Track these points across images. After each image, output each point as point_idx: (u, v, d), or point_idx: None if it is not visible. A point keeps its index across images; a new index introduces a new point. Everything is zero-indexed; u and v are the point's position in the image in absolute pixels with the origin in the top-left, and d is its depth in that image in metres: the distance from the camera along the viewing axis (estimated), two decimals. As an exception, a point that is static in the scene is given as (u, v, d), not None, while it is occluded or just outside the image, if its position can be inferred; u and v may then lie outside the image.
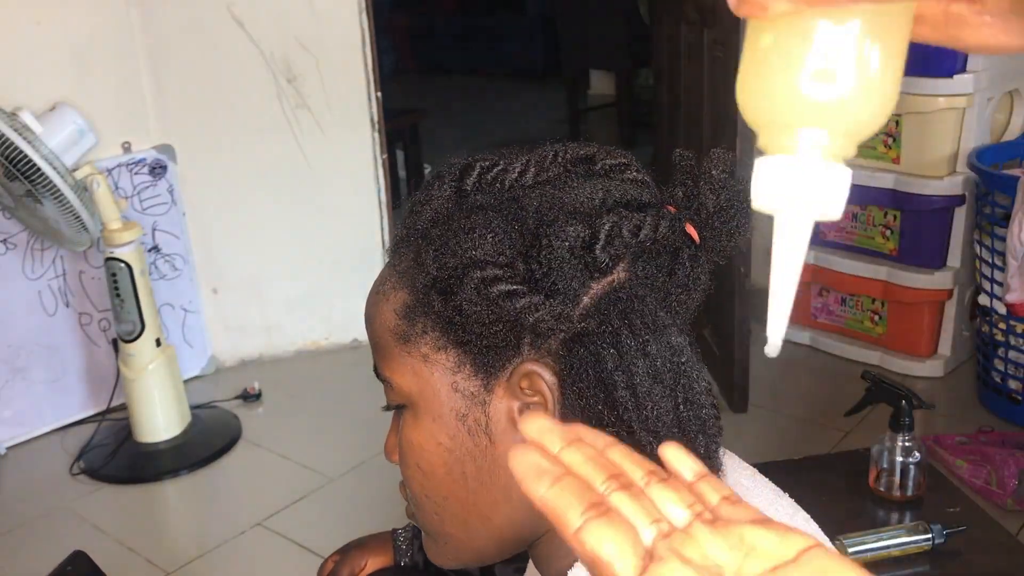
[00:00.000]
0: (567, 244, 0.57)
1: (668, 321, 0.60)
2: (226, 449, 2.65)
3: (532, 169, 0.62)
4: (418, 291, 0.61)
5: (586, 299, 0.59)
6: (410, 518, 0.71)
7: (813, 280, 2.93)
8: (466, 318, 0.59)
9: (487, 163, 0.63)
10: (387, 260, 0.67)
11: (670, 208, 0.61)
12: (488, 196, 0.61)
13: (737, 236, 0.62)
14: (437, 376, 0.62)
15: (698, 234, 0.61)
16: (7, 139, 2.14)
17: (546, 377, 0.60)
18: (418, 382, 0.63)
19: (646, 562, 0.35)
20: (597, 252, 0.57)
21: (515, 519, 0.65)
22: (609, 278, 0.60)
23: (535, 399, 0.61)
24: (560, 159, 0.63)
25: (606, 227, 0.57)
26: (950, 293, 2.73)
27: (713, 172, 0.61)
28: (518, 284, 0.57)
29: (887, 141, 2.72)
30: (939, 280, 2.71)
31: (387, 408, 0.68)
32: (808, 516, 0.68)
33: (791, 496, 0.70)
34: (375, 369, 0.68)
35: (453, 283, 0.58)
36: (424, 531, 0.69)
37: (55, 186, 2.20)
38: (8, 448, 2.67)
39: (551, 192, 0.61)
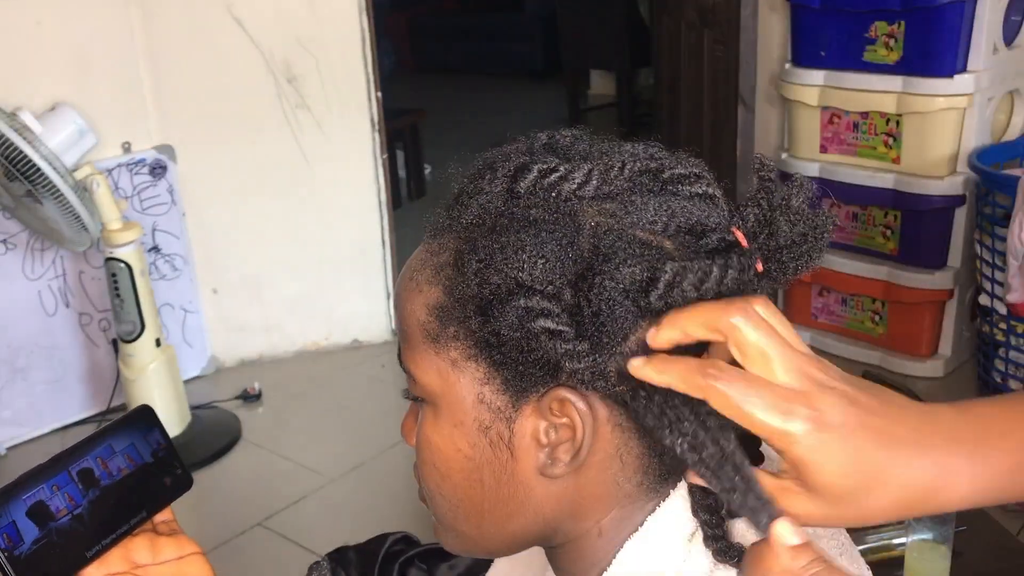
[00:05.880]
0: (621, 287, 0.53)
1: None
2: (226, 449, 2.65)
3: (594, 180, 0.57)
4: (454, 298, 0.57)
5: (633, 339, 0.54)
6: (422, 502, 0.68)
7: (813, 280, 2.93)
8: (503, 342, 0.56)
9: (545, 167, 0.57)
10: (424, 241, 0.62)
11: (737, 234, 0.56)
12: (542, 208, 0.56)
13: (803, 269, 0.57)
14: (464, 384, 0.59)
15: (763, 266, 0.56)
16: (7, 139, 2.14)
17: (579, 406, 0.57)
18: (443, 385, 0.60)
19: None
20: (652, 299, 0.53)
21: (529, 529, 0.63)
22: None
23: (563, 421, 0.57)
24: (627, 171, 0.58)
25: (667, 275, 0.52)
26: (950, 293, 2.73)
27: (793, 202, 0.56)
28: (563, 323, 0.53)
29: (887, 141, 2.72)
30: (939, 280, 2.70)
31: (407, 397, 0.64)
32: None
33: None
34: (399, 357, 0.64)
35: (494, 304, 0.55)
36: (436, 520, 0.67)
37: (55, 186, 2.20)
38: (8, 448, 2.67)
39: (611, 209, 0.56)
